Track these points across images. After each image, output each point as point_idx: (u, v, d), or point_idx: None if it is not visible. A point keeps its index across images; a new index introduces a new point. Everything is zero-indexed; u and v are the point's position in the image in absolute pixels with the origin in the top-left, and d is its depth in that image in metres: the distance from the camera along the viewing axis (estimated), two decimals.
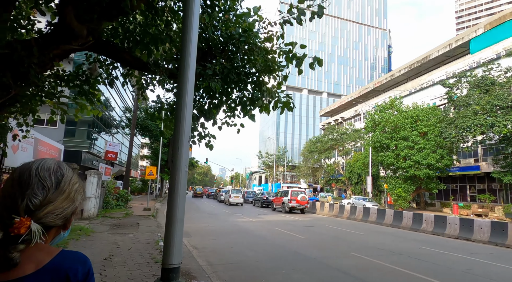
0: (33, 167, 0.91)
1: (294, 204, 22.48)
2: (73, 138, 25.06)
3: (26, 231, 0.81)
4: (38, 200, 0.86)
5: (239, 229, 13.46)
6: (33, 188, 0.87)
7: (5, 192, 0.88)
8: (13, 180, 0.89)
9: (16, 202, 0.84)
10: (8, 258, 0.81)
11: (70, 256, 0.93)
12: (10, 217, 0.82)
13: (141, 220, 15.08)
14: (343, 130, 50.71)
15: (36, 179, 0.88)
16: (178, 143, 2.83)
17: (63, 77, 5.21)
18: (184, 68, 3.00)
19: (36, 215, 0.85)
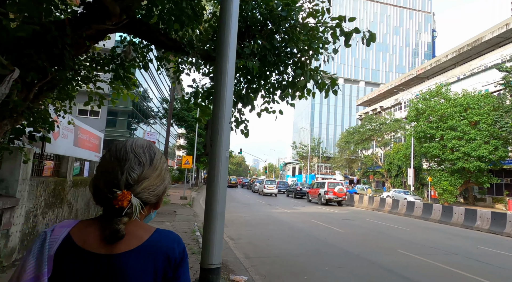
0: (128, 144, 0.92)
1: (331, 196, 21.73)
2: (114, 128, 26.08)
3: (128, 204, 0.82)
4: (136, 174, 0.87)
5: (274, 220, 13.12)
6: (131, 163, 0.87)
7: (103, 167, 0.89)
8: (111, 156, 0.90)
9: (116, 176, 0.85)
10: (115, 229, 0.81)
11: (166, 235, 0.92)
12: (111, 191, 0.83)
13: (178, 208, 15.26)
14: (382, 120, 48.26)
15: (132, 155, 0.89)
16: (218, 126, 2.43)
17: (99, 61, 5.04)
18: (224, 42, 2.57)
19: (135, 190, 0.86)
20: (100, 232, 0.82)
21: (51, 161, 5.92)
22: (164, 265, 0.86)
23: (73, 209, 6.94)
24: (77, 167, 7.33)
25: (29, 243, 5.02)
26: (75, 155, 7.11)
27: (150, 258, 0.84)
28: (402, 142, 47.67)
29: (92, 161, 8.49)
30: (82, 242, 0.81)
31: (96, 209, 8.96)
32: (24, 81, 4.24)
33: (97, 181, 0.88)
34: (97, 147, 9.19)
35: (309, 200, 24.85)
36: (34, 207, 5.07)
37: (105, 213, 0.85)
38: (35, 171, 5.36)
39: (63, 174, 6.39)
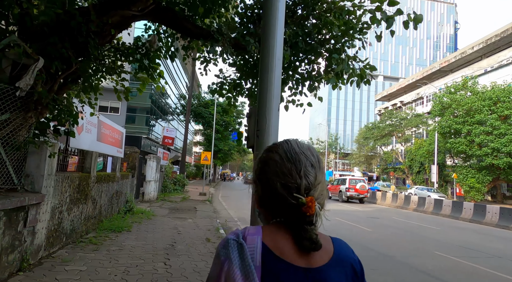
0: (293, 145, 0.86)
1: (352, 193, 21.14)
2: (133, 124, 26.28)
3: (314, 211, 0.77)
4: (313, 178, 0.81)
5: None
6: (306, 166, 0.81)
7: (278, 169, 0.82)
8: (281, 157, 0.83)
9: (295, 180, 0.79)
10: (313, 240, 0.77)
11: (344, 244, 0.89)
12: (293, 196, 0.77)
13: (198, 204, 15.14)
14: (403, 115, 46.80)
15: (303, 156, 0.83)
16: (265, 113, 2.10)
17: (123, 51, 4.81)
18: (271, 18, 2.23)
19: (313, 195, 0.79)
20: (293, 241, 0.78)
21: (75, 156, 5.77)
22: (353, 279, 0.82)
23: (97, 205, 6.82)
24: (100, 163, 7.20)
25: (55, 240, 4.89)
26: (99, 150, 6.97)
27: (343, 272, 0.81)
28: (424, 138, 46.13)
29: (115, 157, 8.38)
30: (279, 252, 0.76)
31: (118, 205, 8.87)
32: (49, 72, 4.05)
33: (272, 184, 0.81)
34: (120, 143, 9.08)
35: (329, 197, 24.31)
36: (59, 203, 4.92)
37: (289, 220, 0.80)
38: (60, 166, 5.22)
39: (87, 170, 6.25)
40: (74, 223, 5.60)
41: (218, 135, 35.03)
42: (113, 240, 6.08)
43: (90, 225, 6.46)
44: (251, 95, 5.56)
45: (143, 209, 10.29)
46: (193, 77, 23.34)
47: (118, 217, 8.24)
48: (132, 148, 10.36)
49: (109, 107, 25.62)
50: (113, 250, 5.34)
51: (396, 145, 53.54)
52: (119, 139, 8.96)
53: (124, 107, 25.89)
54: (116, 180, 8.25)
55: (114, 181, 8.10)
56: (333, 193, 23.61)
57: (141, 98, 26.59)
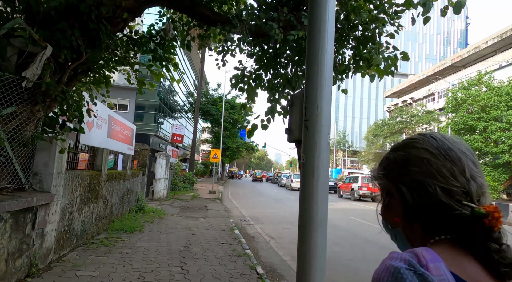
0: (442, 138, 0.68)
1: (365, 191, 20.63)
2: (141, 122, 26.12)
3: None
4: (482, 180, 0.65)
5: None
6: (468, 165, 0.64)
7: (434, 169, 0.64)
8: (434, 155, 0.65)
9: (462, 183, 0.62)
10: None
11: None
12: (462, 205, 0.61)
13: (208, 203, 14.85)
14: (413, 112, 45.92)
15: (460, 154, 0.65)
16: (316, 98, 1.73)
17: (136, 41, 4.48)
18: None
19: (483, 203, 0.64)
20: (483, 268, 0.59)
21: (85, 154, 5.48)
22: None
23: (108, 205, 6.54)
24: (111, 160, 6.92)
25: (65, 242, 4.60)
26: (109, 147, 6.68)
27: None
28: None
29: (126, 154, 8.09)
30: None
31: (129, 204, 8.60)
32: (57, 61, 3.73)
33: (430, 189, 0.63)
34: (130, 140, 8.79)
35: (340, 195, 23.85)
36: (69, 203, 4.63)
37: (462, 237, 0.61)
38: (69, 164, 4.92)
39: (98, 167, 5.97)
40: (85, 224, 5.32)
41: (226, 133, 34.76)
42: (125, 241, 5.79)
43: (101, 225, 6.18)
44: (271, 88, 5.19)
45: (154, 208, 10.02)
46: (201, 74, 23.03)
47: (130, 217, 7.96)
48: (142, 145, 10.09)
49: (118, 104, 25.49)
50: (126, 253, 5.04)
51: None
52: (129, 136, 8.67)
53: (132, 105, 25.75)
54: (127, 179, 7.97)
55: (125, 180, 7.82)
56: (345, 191, 23.13)
57: (149, 96, 26.44)
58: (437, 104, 49.76)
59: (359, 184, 20.93)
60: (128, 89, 25.35)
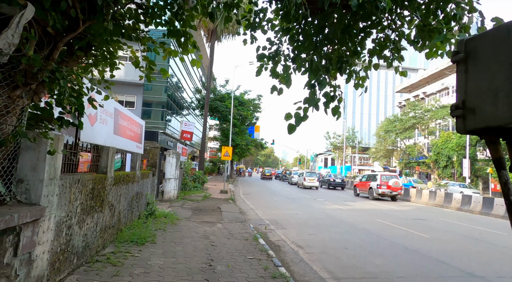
0: None
1: (384, 190, 19.55)
2: (149, 119, 25.33)
3: None
4: None
5: (334, 219, 11.39)
6: None
7: None
8: None
9: None
10: None
11: None
12: None
13: (221, 204, 13.95)
14: (427, 107, 44.39)
15: None
16: None
17: (147, 9, 3.52)
18: None
19: None
20: None
21: (87, 153, 4.57)
22: None
23: (115, 212, 5.63)
24: (118, 160, 6.01)
25: (62, 264, 3.69)
26: (116, 146, 5.77)
27: None
28: (450, 130, 43.73)
29: (134, 153, 7.19)
30: None
31: (139, 209, 7.71)
32: (45, 31, 2.80)
33: None
34: (139, 137, 7.88)
35: (357, 194, 22.78)
36: (67, 216, 3.72)
37: None
38: (67, 166, 4.01)
39: (103, 169, 5.05)
40: (88, 238, 4.41)
41: (235, 129, 33.80)
42: (136, 257, 4.88)
43: (107, 237, 5.28)
44: (312, 70, 4.19)
45: (165, 211, 9.12)
46: (211, 65, 22.08)
47: (139, 224, 7.07)
48: (152, 143, 9.19)
49: (125, 101, 24.71)
50: (138, 275, 4.13)
51: (417, 138, 51.16)
52: (138, 133, 7.76)
53: (139, 101, 24.95)
54: (136, 181, 7.07)
55: (134, 182, 6.92)
56: (362, 189, 22.07)
57: (156, 92, 25.63)
58: (451, 98, 48.15)
59: (378, 183, 19.87)
60: (135, 85, 24.54)
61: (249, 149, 38.76)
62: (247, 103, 35.68)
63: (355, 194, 23.12)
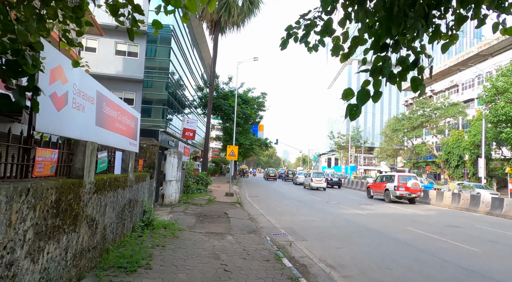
0: None
1: (402, 192, 18.07)
2: (149, 117, 24.01)
3: None
4: None
5: (357, 226, 9.99)
6: None
7: None
8: None
9: None
10: None
11: None
12: None
13: (228, 209, 12.58)
14: (437, 105, 42.85)
15: None
16: None
17: None
18: None
19: None
20: None
21: (51, 150, 3.19)
22: None
23: (97, 229, 4.25)
24: (103, 160, 4.63)
25: None
26: (99, 141, 4.40)
27: None
28: (462, 129, 42.23)
29: (127, 151, 5.81)
30: None
31: (132, 220, 6.33)
32: None
33: None
34: (133, 132, 6.50)
35: (371, 196, 21.36)
36: (4, 248, 2.33)
37: None
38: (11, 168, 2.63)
39: (78, 172, 3.68)
40: (51, 273, 3.03)
41: (239, 129, 32.43)
42: None
43: (85, 263, 3.90)
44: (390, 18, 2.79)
45: (165, 221, 7.73)
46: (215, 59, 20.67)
47: (132, 239, 5.69)
48: (149, 140, 7.80)
49: (123, 98, 23.36)
50: None
51: (425, 137, 49.63)
52: (132, 127, 6.39)
53: (139, 99, 23.62)
54: (128, 185, 5.70)
55: (126, 187, 5.54)
56: (377, 191, 20.64)
57: (157, 89, 24.29)
58: (461, 96, 46.65)
59: (395, 184, 18.41)
60: (134, 81, 23.23)
61: (253, 148, 37.36)
62: (251, 101, 34.30)
63: (368, 196, 21.69)
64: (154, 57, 24.13)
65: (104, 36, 22.57)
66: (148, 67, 23.76)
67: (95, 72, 22.55)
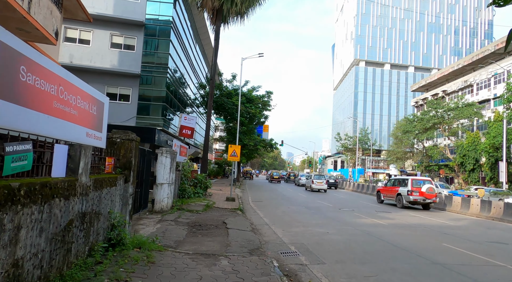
0: None
1: (417, 197, 16.30)
2: (147, 115, 22.38)
3: None
4: None
5: (383, 243, 8.20)
6: None
7: None
8: None
9: None
10: None
11: None
12: None
13: (228, 217, 10.88)
14: (451, 105, 40.71)
15: None
16: None
17: None
18: None
19: None
20: None
21: None
22: None
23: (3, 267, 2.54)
24: (22, 155, 2.95)
25: None
26: (17, 127, 2.72)
27: None
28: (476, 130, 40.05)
29: (77, 145, 4.13)
30: None
31: (89, 241, 4.62)
32: None
33: None
34: (94, 120, 4.81)
35: (381, 200, 19.54)
36: None
37: None
38: None
39: None
40: None
41: (243, 128, 30.74)
42: None
43: None
44: None
45: (142, 237, 6.01)
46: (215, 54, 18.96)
47: (83, 269, 3.99)
48: (125, 133, 6.11)
49: (118, 94, 21.80)
50: None
51: (437, 139, 47.46)
52: (92, 113, 4.70)
53: (135, 95, 22.00)
54: (79, 193, 4.00)
55: (73, 196, 3.85)
56: (388, 196, 18.83)
57: (155, 85, 22.67)
58: (476, 96, 44.47)
59: (409, 189, 16.62)
60: (130, 76, 21.63)
61: (258, 149, 35.63)
62: (256, 100, 32.61)
63: (378, 200, 19.85)
64: (152, 50, 22.54)
65: (99, 27, 21.12)
66: (146, 62, 22.19)
67: (89, 65, 21.04)
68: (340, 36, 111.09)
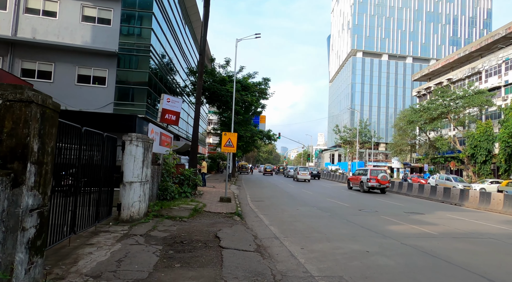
0: None
1: (374, 184, 20.64)
2: (126, 101, 19.17)
3: None
4: None
5: (457, 269, 5.35)
6: None
7: None
8: None
9: None
10: None
11: None
12: None
13: (222, 227, 7.92)
14: (459, 93, 38.03)
15: None
16: None
17: None
18: None
19: None
20: None
21: None
22: None
23: None
24: None
25: None
26: None
27: None
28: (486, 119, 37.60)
29: None
30: None
31: None
32: None
33: None
34: None
35: (350, 187, 23.94)
36: None
37: None
38: None
39: None
40: None
41: (238, 118, 27.66)
42: None
43: None
44: None
45: None
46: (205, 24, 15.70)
47: None
48: (15, 89, 3.08)
49: (92, 76, 18.50)
50: None
51: (441, 131, 45.00)
52: None
53: (112, 77, 18.72)
54: None
55: None
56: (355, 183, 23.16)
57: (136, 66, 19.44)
58: (484, 84, 41.91)
59: (368, 177, 20.91)
60: (106, 55, 18.32)
61: (255, 141, 32.62)
62: (252, 88, 29.42)
63: (348, 187, 24.14)
64: (132, 25, 19.23)
65: None
66: (125, 40, 18.93)
67: (55, 41, 17.67)
68: (336, 26, 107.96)
